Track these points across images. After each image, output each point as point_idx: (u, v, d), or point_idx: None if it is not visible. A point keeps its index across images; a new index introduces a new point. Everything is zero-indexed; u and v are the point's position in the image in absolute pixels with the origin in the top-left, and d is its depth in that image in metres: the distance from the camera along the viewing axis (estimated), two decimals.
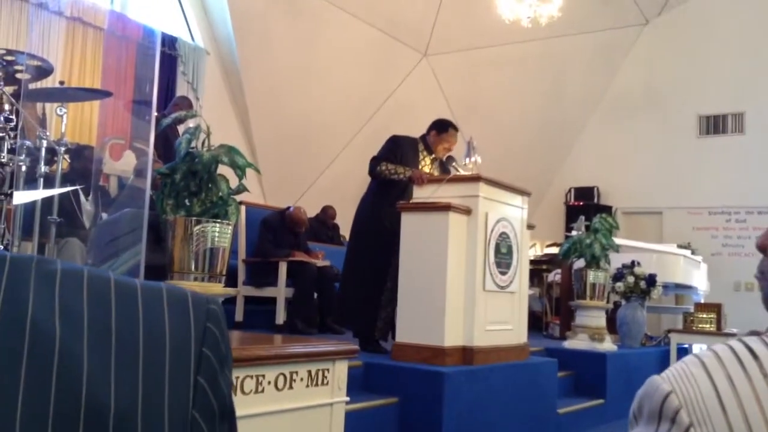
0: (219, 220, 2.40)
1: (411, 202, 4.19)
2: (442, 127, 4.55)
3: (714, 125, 10.33)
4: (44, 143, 3.55)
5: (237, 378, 1.88)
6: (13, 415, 0.42)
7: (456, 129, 4.61)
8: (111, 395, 0.44)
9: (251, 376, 1.94)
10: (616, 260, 6.22)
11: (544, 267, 8.27)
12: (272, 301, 5.44)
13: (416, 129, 4.69)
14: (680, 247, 8.23)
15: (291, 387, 2.06)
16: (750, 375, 0.49)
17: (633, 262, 6.36)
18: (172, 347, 0.48)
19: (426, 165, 4.53)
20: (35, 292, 0.46)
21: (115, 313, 0.47)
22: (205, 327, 0.50)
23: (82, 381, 0.44)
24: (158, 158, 4.66)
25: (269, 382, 2.00)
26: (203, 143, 2.52)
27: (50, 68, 3.91)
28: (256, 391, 1.96)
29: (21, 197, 3.41)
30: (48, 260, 0.49)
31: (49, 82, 4.60)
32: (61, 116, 3.83)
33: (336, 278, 5.49)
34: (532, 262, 6.72)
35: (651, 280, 6.26)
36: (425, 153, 4.56)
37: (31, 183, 3.49)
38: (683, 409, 0.49)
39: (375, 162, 4.41)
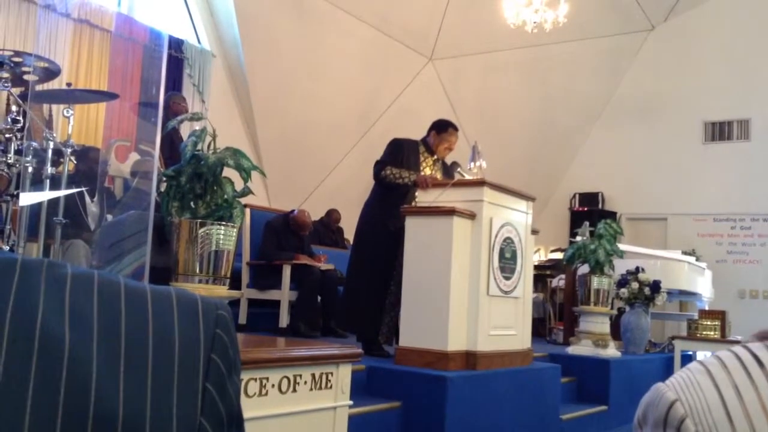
0: (224, 223, 2.41)
1: (415, 206, 4.19)
2: (442, 127, 4.57)
3: (719, 132, 10.30)
4: (51, 144, 3.56)
5: (241, 381, 1.88)
6: (21, 422, 0.41)
7: (456, 128, 4.62)
8: (119, 402, 0.44)
9: (255, 379, 1.95)
10: (621, 266, 6.20)
11: (548, 272, 8.26)
12: (276, 304, 5.44)
13: (421, 133, 4.69)
14: (685, 253, 8.21)
15: (295, 390, 2.06)
16: (756, 384, 0.48)
17: (637, 269, 6.35)
18: (180, 354, 0.48)
19: (428, 167, 4.54)
20: (45, 297, 0.46)
21: (124, 319, 0.47)
22: (214, 333, 0.50)
23: (90, 387, 0.44)
24: (164, 160, 4.67)
25: (273, 385, 2.00)
26: (209, 146, 2.53)
27: (57, 70, 3.93)
28: (260, 394, 1.96)
29: (26, 199, 3.42)
30: (59, 264, 0.49)
31: (56, 84, 4.62)
32: (68, 118, 3.84)
33: (339, 282, 5.49)
34: (536, 267, 6.72)
35: (655, 286, 6.24)
36: (427, 155, 4.56)
37: (37, 184, 3.50)
38: (689, 418, 0.49)
39: (379, 166, 4.42)
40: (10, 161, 3.37)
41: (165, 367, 0.47)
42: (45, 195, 3.51)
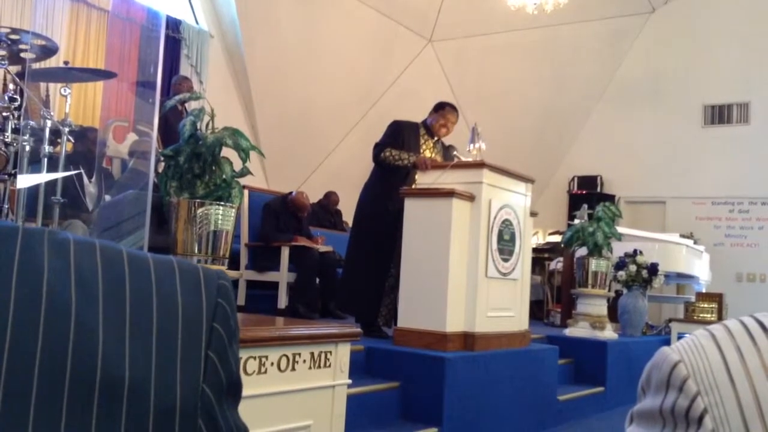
0: (222, 203, 2.40)
1: (414, 187, 4.18)
2: (439, 106, 4.58)
3: (719, 115, 10.27)
4: (48, 123, 3.54)
5: (240, 359, 1.88)
6: (29, 385, 0.42)
7: (454, 108, 4.61)
8: (125, 367, 0.44)
9: (254, 357, 1.95)
10: (619, 249, 6.21)
11: (547, 255, 8.28)
12: (274, 285, 5.45)
13: (420, 115, 4.68)
14: (683, 236, 8.22)
15: (294, 369, 2.07)
16: (759, 346, 0.49)
17: (635, 251, 6.36)
18: (184, 321, 0.48)
19: (428, 149, 4.53)
20: (50, 260, 0.46)
21: (129, 285, 0.47)
22: (216, 302, 0.51)
23: (97, 350, 0.44)
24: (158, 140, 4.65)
25: (272, 364, 2.01)
26: (207, 125, 2.52)
27: (55, 48, 3.89)
28: (259, 372, 1.97)
29: (24, 181, 3.40)
30: (59, 231, 0.49)
31: (53, 63, 4.58)
32: (66, 96, 3.82)
33: (338, 264, 5.49)
34: (534, 250, 6.73)
35: (653, 269, 6.26)
36: (427, 137, 4.56)
37: (34, 163, 3.49)
38: (691, 378, 0.49)
39: (379, 148, 4.41)
40: (7, 140, 3.35)
41: (169, 335, 0.47)
42: (43, 176, 3.49)
